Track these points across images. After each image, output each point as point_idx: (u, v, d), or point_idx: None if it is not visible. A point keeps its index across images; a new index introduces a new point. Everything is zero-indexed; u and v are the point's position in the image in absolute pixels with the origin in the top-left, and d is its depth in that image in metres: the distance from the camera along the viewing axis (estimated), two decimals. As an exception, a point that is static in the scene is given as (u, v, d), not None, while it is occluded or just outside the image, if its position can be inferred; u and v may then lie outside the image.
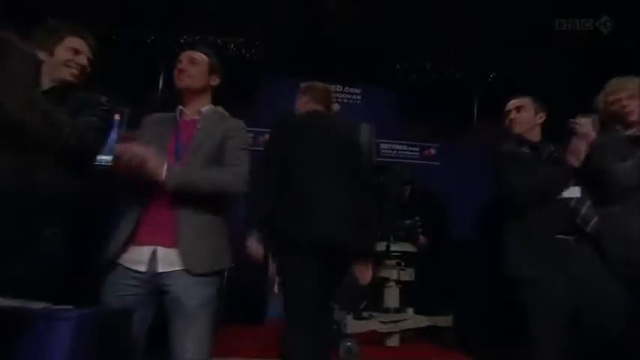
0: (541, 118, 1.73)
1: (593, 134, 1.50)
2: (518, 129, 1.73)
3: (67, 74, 1.37)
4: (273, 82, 4.27)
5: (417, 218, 3.25)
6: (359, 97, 4.66)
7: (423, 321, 3.14)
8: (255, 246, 1.65)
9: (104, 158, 1.43)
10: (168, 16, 3.96)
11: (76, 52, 1.39)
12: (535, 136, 1.72)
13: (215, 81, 1.47)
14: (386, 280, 3.11)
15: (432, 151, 4.65)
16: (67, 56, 1.36)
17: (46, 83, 1.34)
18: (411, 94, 4.55)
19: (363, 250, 1.65)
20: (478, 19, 3.78)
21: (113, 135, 1.82)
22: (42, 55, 1.32)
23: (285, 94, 2.38)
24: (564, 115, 1.60)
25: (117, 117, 2.93)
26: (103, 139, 1.39)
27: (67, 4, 2.90)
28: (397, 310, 3.10)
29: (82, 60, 1.40)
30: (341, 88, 4.54)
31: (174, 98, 1.48)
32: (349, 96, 4.61)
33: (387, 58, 4.48)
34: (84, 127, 1.27)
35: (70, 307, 0.89)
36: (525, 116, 1.73)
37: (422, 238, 3.30)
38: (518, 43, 3.92)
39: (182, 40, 4.11)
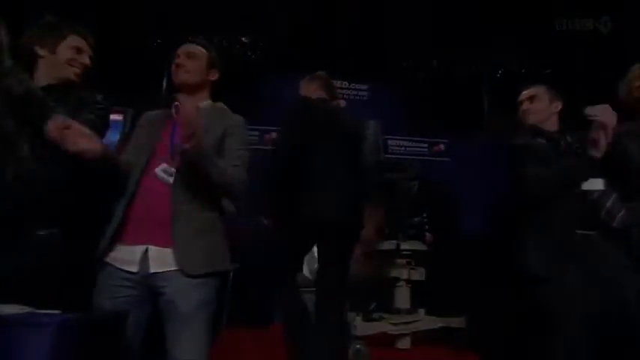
0: (557, 107, 1.65)
1: (612, 122, 1.40)
2: (532, 119, 1.66)
3: (71, 73, 1.36)
4: (278, 80, 4.23)
5: (424, 215, 3.17)
6: (365, 94, 4.59)
7: (435, 322, 3.05)
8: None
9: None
10: (172, 18, 3.96)
11: (79, 51, 1.38)
12: (552, 125, 1.64)
13: (214, 76, 1.41)
14: (396, 279, 3.04)
15: (442, 146, 4.56)
16: (70, 55, 1.35)
17: (44, 80, 1.33)
18: (418, 90, 4.48)
19: (351, 229, 1.85)
20: (484, 15, 3.75)
21: (112, 134, 1.80)
22: (42, 52, 1.33)
23: (291, 92, 2.36)
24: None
25: (120, 117, 2.94)
26: (101, 137, 1.38)
27: (72, 5, 2.92)
28: (408, 311, 3.02)
29: (85, 59, 1.39)
30: (347, 84, 4.48)
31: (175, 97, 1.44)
32: (355, 92, 4.55)
33: (393, 54, 4.43)
34: (90, 125, 1.25)
35: (55, 311, 0.84)
36: (539, 106, 1.65)
37: (428, 236, 3.22)
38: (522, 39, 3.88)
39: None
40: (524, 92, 1.70)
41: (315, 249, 1.94)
